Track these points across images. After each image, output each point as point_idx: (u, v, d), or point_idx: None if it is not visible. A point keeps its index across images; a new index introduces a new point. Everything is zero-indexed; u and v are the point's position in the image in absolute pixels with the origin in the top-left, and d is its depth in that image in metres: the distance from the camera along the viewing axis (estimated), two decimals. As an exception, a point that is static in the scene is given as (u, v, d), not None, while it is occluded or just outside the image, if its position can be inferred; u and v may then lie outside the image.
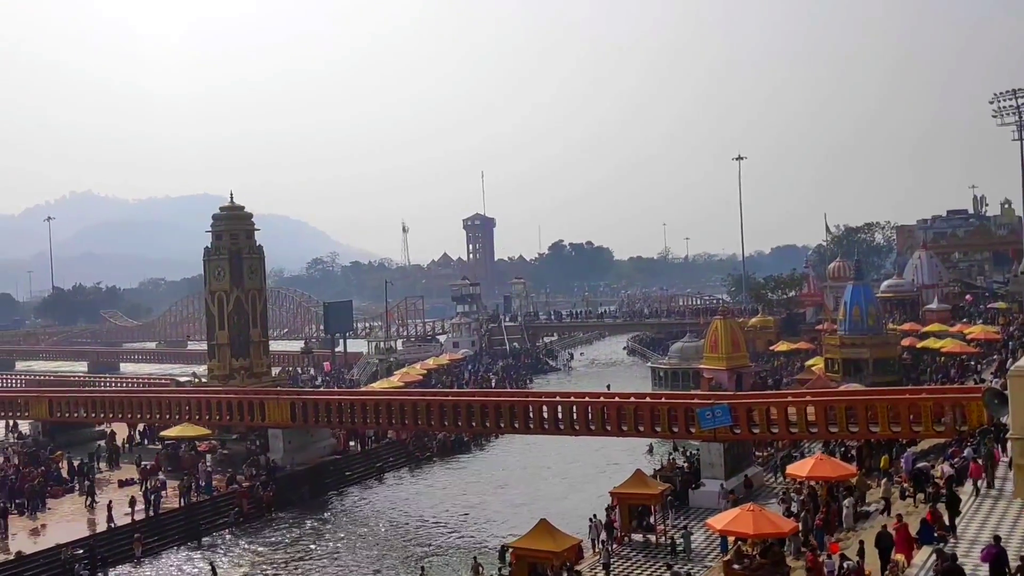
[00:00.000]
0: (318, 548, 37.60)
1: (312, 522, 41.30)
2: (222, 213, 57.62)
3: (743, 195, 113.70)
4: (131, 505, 38.86)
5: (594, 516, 32.18)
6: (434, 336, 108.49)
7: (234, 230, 56.55)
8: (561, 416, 40.47)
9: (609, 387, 54.15)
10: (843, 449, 37.13)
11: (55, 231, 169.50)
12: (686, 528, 31.49)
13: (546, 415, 40.96)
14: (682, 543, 29.93)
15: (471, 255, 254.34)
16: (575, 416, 39.84)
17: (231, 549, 37.79)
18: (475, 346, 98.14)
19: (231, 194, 59.54)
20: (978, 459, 26.02)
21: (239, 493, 42.25)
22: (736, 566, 23.97)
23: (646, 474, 34.11)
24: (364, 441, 52.65)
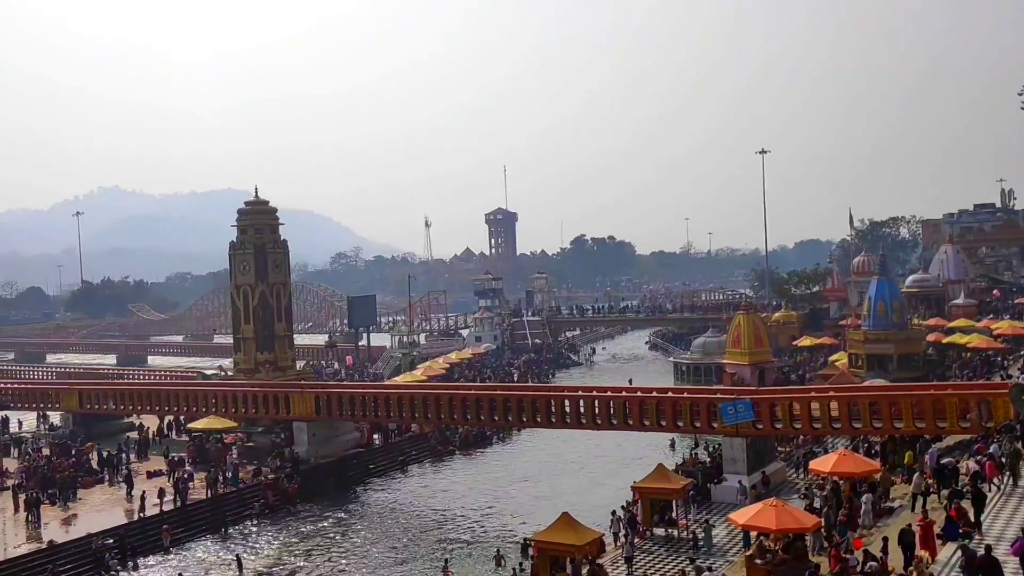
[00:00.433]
0: (343, 540, 38.05)
1: (336, 514, 41.79)
2: (247, 208, 58.33)
3: (767, 189, 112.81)
4: (160, 496, 39.57)
5: (622, 504, 32.28)
6: (457, 330, 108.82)
7: (259, 224, 57.26)
8: (583, 410, 40.64)
9: (631, 382, 54.16)
10: (866, 445, 36.97)
11: (83, 226, 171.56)
12: (707, 522, 31.56)
13: (568, 409, 41.09)
14: (704, 537, 30.02)
15: (493, 250, 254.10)
16: (597, 411, 40.01)
17: (256, 540, 38.36)
18: (497, 340, 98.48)
19: (256, 189, 60.25)
20: (1003, 457, 25.81)
21: (265, 485, 42.86)
22: (758, 561, 23.96)
23: (668, 469, 34.18)
24: (387, 434, 53.13)
